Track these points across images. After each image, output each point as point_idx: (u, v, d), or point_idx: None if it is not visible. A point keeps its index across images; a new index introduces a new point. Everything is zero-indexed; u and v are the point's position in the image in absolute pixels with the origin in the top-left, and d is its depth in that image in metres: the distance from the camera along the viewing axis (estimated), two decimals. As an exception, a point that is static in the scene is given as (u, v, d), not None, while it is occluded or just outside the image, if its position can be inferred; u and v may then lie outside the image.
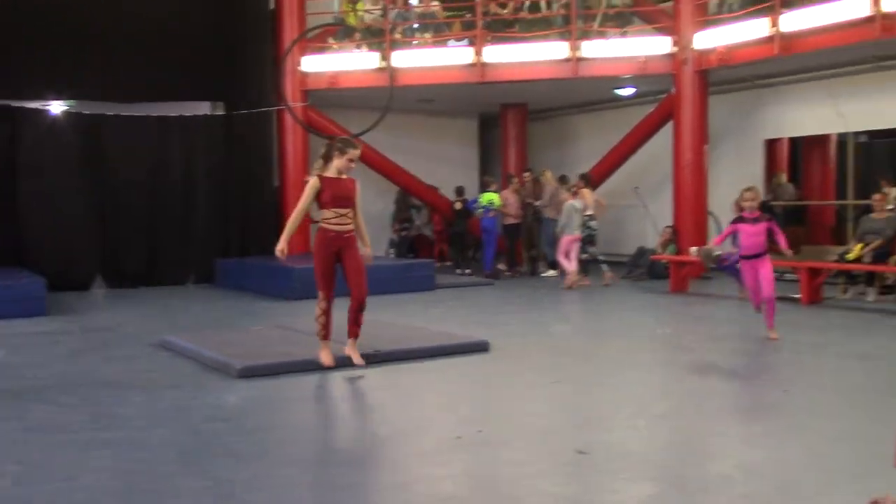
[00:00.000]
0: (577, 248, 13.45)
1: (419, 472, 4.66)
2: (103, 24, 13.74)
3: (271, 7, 15.45)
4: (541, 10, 15.32)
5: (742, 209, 8.59)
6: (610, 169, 15.92)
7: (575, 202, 13.51)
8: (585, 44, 14.37)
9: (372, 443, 5.38)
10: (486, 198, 15.08)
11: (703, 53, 13.93)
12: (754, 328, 8.59)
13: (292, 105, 14.59)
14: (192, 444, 5.11)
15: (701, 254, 9.44)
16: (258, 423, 5.65)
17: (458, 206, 15.82)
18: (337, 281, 6.97)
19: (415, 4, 16.18)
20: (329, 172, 6.93)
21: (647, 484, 4.34)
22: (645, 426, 5.46)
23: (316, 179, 6.87)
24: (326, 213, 6.89)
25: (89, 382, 6.86)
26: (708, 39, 13.80)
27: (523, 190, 15.45)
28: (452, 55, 14.98)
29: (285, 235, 6.96)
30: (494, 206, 14.93)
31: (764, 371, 7.40)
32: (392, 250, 17.07)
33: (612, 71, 14.58)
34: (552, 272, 14.77)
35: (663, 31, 14.57)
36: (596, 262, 13.87)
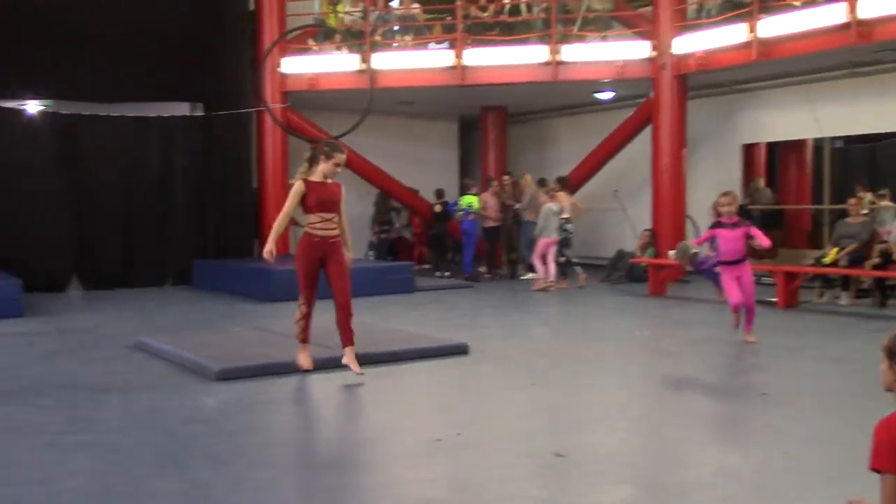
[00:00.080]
0: (554, 251, 13.50)
1: (398, 474, 4.65)
2: (81, 23, 13.62)
3: (251, 8, 15.40)
4: (521, 14, 15.37)
5: (720, 214, 8.61)
6: (589, 172, 15.99)
7: (552, 205, 13.56)
8: (565, 47, 14.42)
9: (351, 445, 5.37)
10: (465, 200, 15.10)
11: (682, 58, 14.02)
12: (732, 332, 8.64)
13: (272, 106, 14.54)
14: (169, 446, 5.08)
15: (678, 250, 9.36)
16: (236, 426, 5.62)
17: (437, 208, 15.82)
18: (319, 284, 6.93)
19: (395, 7, 16.18)
20: (314, 176, 6.83)
21: (625, 487, 4.36)
22: (623, 429, 5.49)
23: (301, 183, 6.77)
24: (312, 218, 6.80)
25: (66, 384, 6.80)
26: (687, 44, 13.89)
27: (503, 193, 15.48)
28: (433, 58, 15.00)
29: (272, 237, 6.85)
30: (473, 209, 14.95)
31: (741, 375, 7.45)
32: (371, 252, 17.05)
33: (592, 75, 14.64)
34: (531, 275, 14.79)
35: (642, 35, 14.64)
36: (570, 265, 13.95)
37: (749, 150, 15.76)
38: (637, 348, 8.74)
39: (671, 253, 9.72)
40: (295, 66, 15.26)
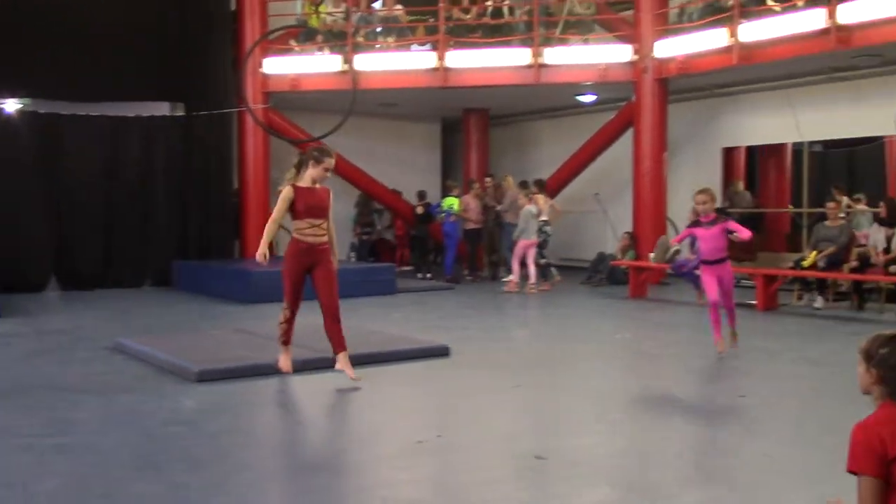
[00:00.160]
0: (533, 253, 13.54)
1: (380, 476, 4.65)
2: (62, 22, 13.49)
3: (233, 8, 15.33)
4: (504, 16, 15.38)
5: (698, 214, 8.56)
6: (570, 175, 16.04)
7: (531, 207, 13.60)
8: (547, 50, 14.46)
9: (333, 447, 5.36)
10: (447, 202, 15.11)
11: (663, 62, 14.08)
12: (712, 334, 8.66)
13: (253, 107, 14.49)
14: (149, 448, 5.05)
15: (657, 248, 9.23)
16: (216, 428, 5.59)
17: (419, 210, 15.82)
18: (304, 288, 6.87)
19: (378, 8, 16.16)
20: (303, 182, 6.74)
21: (606, 488, 4.38)
22: (603, 432, 5.51)
23: (290, 189, 6.68)
24: (300, 224, 6.72)
25: (44, 386, 6.74)
26: (668, 48, 13.96)
27: (485, 195, 15.50)
28: (415, 59, 14.99)
29: (265, 241, 6.72)
30: (455, 211, 14.96)
31: (721, 376, 7.49)
32: (353, 254, 17.03)
33: (574, 78, 14.69)
34: (509, 277, 14.83)
35: (624, 39, 14.70)
36: (547, 266, 14.01)
37: (729, 153, 15.85)
38: (617, 351, 8.77)
39: (651, 255, 9.73)
40: (277, 66, 15.21)
